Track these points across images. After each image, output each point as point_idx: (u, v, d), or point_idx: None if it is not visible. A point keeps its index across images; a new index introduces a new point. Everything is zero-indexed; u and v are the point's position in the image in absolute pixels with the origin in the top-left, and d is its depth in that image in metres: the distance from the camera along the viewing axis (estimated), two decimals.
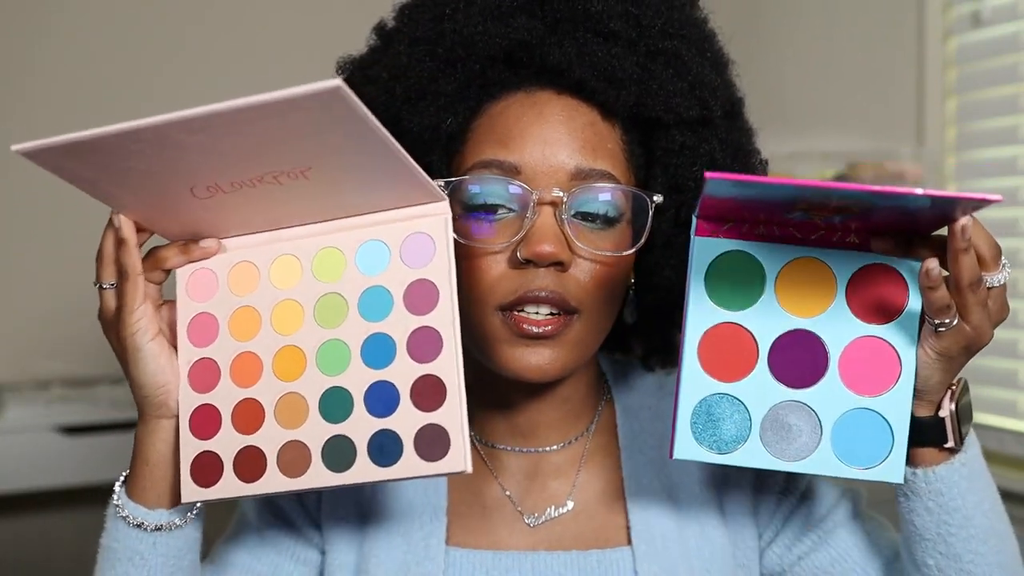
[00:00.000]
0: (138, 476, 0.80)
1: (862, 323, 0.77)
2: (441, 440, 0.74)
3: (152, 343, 0.77)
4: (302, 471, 0.76)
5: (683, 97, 0.86)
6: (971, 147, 1.95)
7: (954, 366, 0.76)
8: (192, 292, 0.80)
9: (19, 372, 2.18)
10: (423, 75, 0.85)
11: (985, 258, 0.72)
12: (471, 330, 0.85)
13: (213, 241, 0.79)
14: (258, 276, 0.79)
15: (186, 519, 0.81)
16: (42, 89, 2.23)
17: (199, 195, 0.71)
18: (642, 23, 0.87)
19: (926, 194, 0.64)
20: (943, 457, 0.79)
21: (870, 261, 0.76)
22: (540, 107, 0.84)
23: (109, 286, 0.78)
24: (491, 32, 0.84)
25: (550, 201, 0.81)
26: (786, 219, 0.76)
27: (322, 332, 0.77)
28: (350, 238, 0.78)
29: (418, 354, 0.75)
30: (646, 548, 0.88)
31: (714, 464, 0.83)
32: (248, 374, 0.78)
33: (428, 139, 0.86)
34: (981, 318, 0.73)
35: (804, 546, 0.91)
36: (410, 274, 0.77)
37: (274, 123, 0.62)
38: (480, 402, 0.93)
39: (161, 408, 0.79)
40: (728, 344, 0.77)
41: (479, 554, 0.89)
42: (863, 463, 0.77)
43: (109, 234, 0.76)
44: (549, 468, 0.94)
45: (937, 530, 0.80)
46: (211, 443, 0.78)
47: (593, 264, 0.83)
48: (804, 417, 0.77)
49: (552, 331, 0.82)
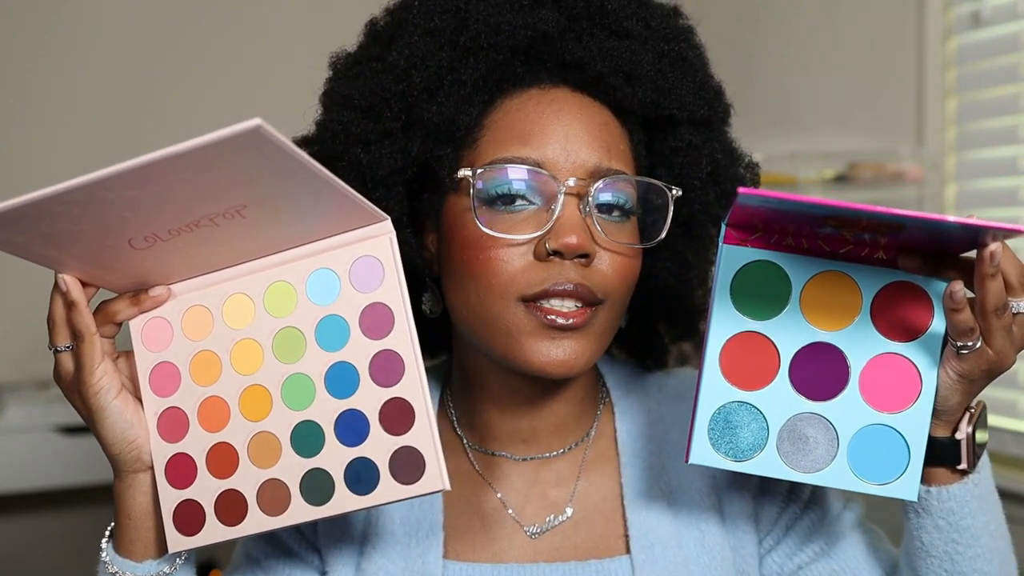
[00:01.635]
0: (123, 531, 0.80)
1: (885, 340, 0.77)
2: (415, 461, 0.74)
3: (116, 400, 0.76)
4: (283, 508, 0.75)
5: (693, 96, 0.87)
6: (971, 147, 1.95)
7: (974, 388, 0.76)
8: (148, 342, 0.79)
9: (19, 372, 2.18)
10: (442, 65, 0.84)
11: (1013, 284, 0.72)
12: (489, 324, 0.83)
13: (163, 289, 0.78)
14: (211, 319, 0.78)
15: (175, 566, 0.81)
16: (42, 89, 2.23)
17: (137, 246, 0.70)
18: (651, 24, 0.87)
19: (957, 222, 0.64)
20: (956, 477, 0.78)
21: (897, 279, 0.76)
22: (559, 104, 0.84)
23: (65, 348, 0.76)
24: (515, 23, 0.83)
25: (576, 193, 0.81)
26: (815, 232, 0.75)
27: (283, 367, 0.77)
28: (298, 269, 0.77)
29: (381, 378, 0.75)
30: (644, 557, 0.88)
31: (727, 471, 0.83)
32: (216, 418, 0.77)
33: (444, 131, 0.84)
34: (1004, 343, 0.73)
35: (806, 555, 0.90)
36: (363, 299, 0.76)
37: (200, 169, 0.61)
38: (481, 408, 0.92)
39: (135, 463, 0.78)
40: (750, 353, 0.77)
41: (478, 568, 0.88)
42: (878, 479, 0.76)
43: (57, 297, 0.75)
44: (549, 475, 0.93)
45: (945, 548, 0.79)
46: (190, 491, 0.77)
47: (615, 256, 0.83)
48: (821, 430, 0.77)
49: (578, 323, 0.81)
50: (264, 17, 2.43)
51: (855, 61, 2.15)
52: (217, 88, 2.32)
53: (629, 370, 1.00)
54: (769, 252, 0.77)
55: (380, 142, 0.85)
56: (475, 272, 0.83)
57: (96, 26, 2.28)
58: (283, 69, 2.18)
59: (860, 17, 2.14)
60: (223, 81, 2.34)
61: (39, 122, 2.23)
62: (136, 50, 2.30)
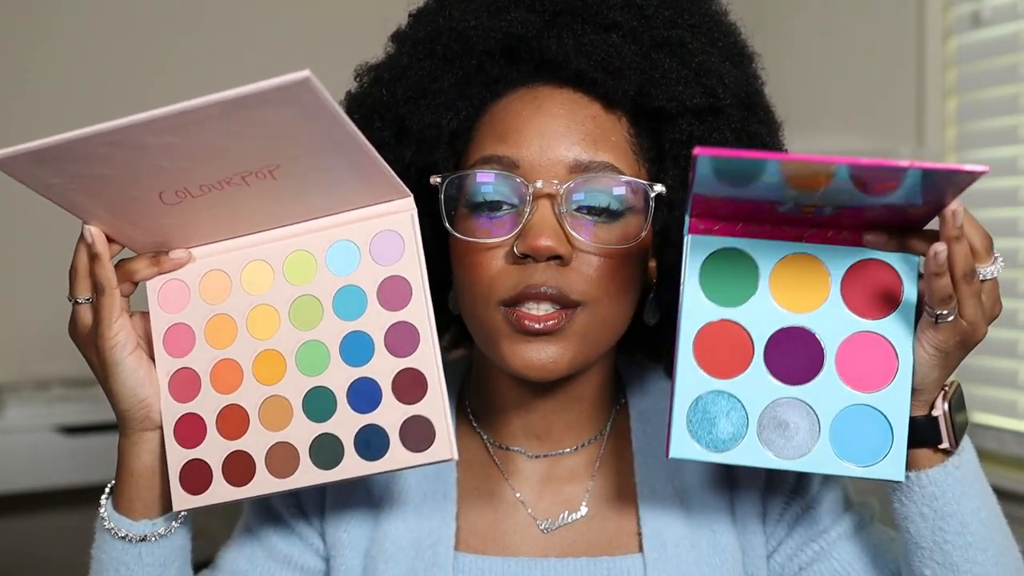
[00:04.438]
0: (124, 488, 0.80)
1: (858, 318, 0.76)
2: (426, 430, 0.75)
3: (131, 357, 0.77)
4: (291, 471, 0.77)
5: (687, 85, 0.85)
6: (971, 147, 1.95)
7: (950, 362, 0.76)
8: (164, 304, 0.80)
9: (19, 372, 2.18)
10: (423, 74, 0.86)
11: (977, 249, 0.72)
12: (476, 327, 0.85)
13: (184, 251, 0.79)
14: (230, 283, 0.79)
15: (170, 528, 0.81)
16: (42, 90, 2.23)
17: (168, 201, 0.71)
18: (646, 12, 0.86)
19: (912, 166, 0.63)
20: (937, 460, 0.78)
21: (864, 256, 0.76)
22: (540, 101, 0.84)
23: (85, 300, 0.77)
24: (486, 27, 0.84)
25: (547, 194, 0.80)
26: (777, 215, 0.75)
27: (299, 334, 0.78)
28: (319, 239, 0.78)
29: (396, 349, 0.76)
30: (657, 556, 0.87)
31: (712, 463, 0.82)
32: (229, 381, 0.78)
33: (431, 137, 0.86)
34: (975, 311, 0.73)
35: (805, 556, 0.90)
36: (382, 271, 0.77)
37: (243, 119, 0.62)
38: (495, 403, 0.93)
39: (144, 421, 0.79)
40: (723, 341, 0.77)
41: (488, 560, 0.88)
42: (863, 460, 0.76)
43: (82, 248, 0.76)
44: (563, 472, 0.93)
45: (933, 537, 0.78)
46: (198, 451, 0.78)
47: (596, 258, 0.82)
48: (802, 414, 0.76)
49: (553, 326, 0.81)
50: (265, 16, 2.43)
51: (855, 61, 2.15)
52: (217, 88, 2.32)
53: (648, 371, 1.00)
54: (735, 239, 0.77)
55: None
56: (459, 276, 0.85)
57: (97, 25, 2.28)
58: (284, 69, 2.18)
59: (860, 17, 2.14)
60: (223, 82, 2.34)
61: (39, 122, 2.23)
62: (137, 48, 2.30)
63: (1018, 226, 1.84)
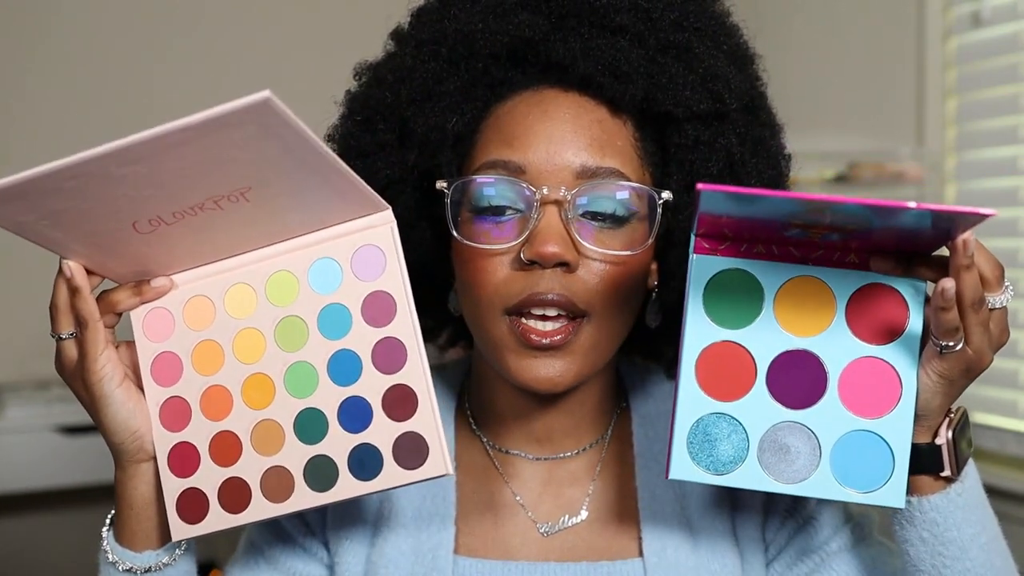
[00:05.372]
0: (124, 521, 0.79)
1: (862, 343, 0.75)
2: (419, 447, 0.74)
3: (119, 389, 0.76)
4: (287, 495, 0.76)
5: (694, 90, 0.84)
6: (971, 147, 1.95)
7: (954, 390, 0.75)
8: (149, 333, 0.79)
9: (19, 372, 2.18)
10: (428, 76, 0.85)
11: (988, 278, 0.70)
12: (480, 335, 0.84)
13: (165, 279, 0.78)
14: (213, 309, 0.78)
15: (174, 557, 0.81)
16: (42, 90, 2.23)
17: (142, 230, 0.70)
18: (652, 16, 0.85)
19: (920, 207, 0.63)
20: (939, 486, 0.77)
21: (870, 280, 0.75)
22: (546, 105, 0.83)
23: (68, 336, 0.76)
24: (492, 29, 0.83)
25: (554, 200, 0.80)
26: (784, 237, 0.74)
27: (286, 356, 0.77)
28: (300, 259, 0.77)
29: (384, 366, 0.75)
30: (657, 560, 0.87)
31: (711, 485, 0.81)
32: (219, 407, 0.77)
33: (435, 140, 0.85)
34: (982, 340, 0.71)
35: (805, 568, 0.89)
36: (364, 288, 0.76)
37: (208, 143, 0.61)
38: (495, 407, 0.92)
39: (138, 453, 0.78)
40: (726, 363, 0.76)
41: (488, 564, 0.88)
42: (863, 486, 0.75)
43: (61, 283, 0.74)
44: (564, 475, 0.92)
45: (932, 561, 0.78)
46: (193, 480, 0.77)
47: (603, 264, 0.81)
48: (803, 438, 0.75)
49: (560, 341, 0.80)
50: (266, 16, 2.43)
51: (855, 61, 2.15)
52: (219, 86, 2.32)
53: (650, 374, 0.99)
54: (740, 260, 0.76)
55: (376, 154, 0.86)
56: (463, 281, 0.83)
57: (97, 26, 2.28)
58: (284, 70, 2.18)
59: (860, 17, 2.14)
60: (224, 81, 2.34)
61: (39, 123, 2.23)
62: (137, 46, 2.30)
63: (1018, 226, 1.84)
